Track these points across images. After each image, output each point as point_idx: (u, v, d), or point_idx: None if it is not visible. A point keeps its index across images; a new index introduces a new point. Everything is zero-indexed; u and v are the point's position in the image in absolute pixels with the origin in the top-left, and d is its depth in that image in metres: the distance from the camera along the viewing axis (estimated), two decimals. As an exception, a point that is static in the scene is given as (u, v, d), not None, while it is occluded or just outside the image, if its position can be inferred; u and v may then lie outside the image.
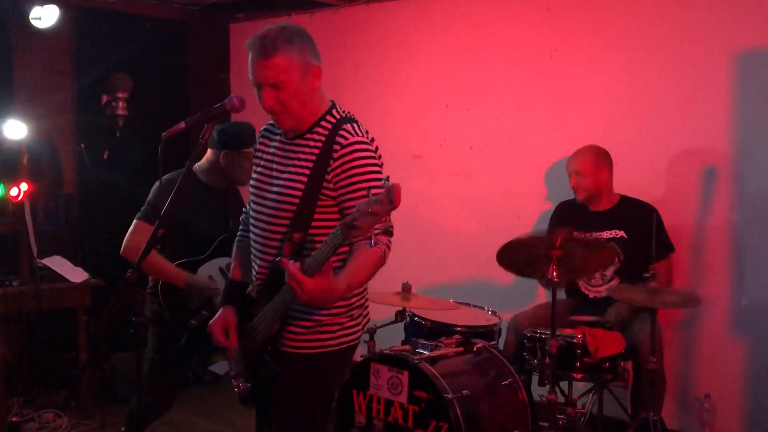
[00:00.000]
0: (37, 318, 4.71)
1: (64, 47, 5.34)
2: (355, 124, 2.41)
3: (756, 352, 4.04)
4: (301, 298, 2.15)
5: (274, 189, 2.43)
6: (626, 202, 4.06)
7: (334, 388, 2.62)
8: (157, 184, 3.31)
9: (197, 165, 3.40)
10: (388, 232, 2.10)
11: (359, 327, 2.54)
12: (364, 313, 2.57)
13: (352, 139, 2.34)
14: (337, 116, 2.43)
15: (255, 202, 2.51)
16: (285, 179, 2.41)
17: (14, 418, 4.41)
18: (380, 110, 5.19)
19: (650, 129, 4.30)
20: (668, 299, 3.53)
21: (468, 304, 4.12)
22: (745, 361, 4.06)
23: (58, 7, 4.84)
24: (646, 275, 3.53)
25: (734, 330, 4.09)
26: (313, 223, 2.35)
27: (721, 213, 4.12)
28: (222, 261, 3.38)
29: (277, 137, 2.52)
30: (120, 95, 5.26)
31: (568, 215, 4.17)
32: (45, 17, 4.83)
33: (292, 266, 2.13)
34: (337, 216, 2.34)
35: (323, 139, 2.37)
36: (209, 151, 3.40)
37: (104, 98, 5.29)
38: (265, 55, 2.29)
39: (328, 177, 2.33)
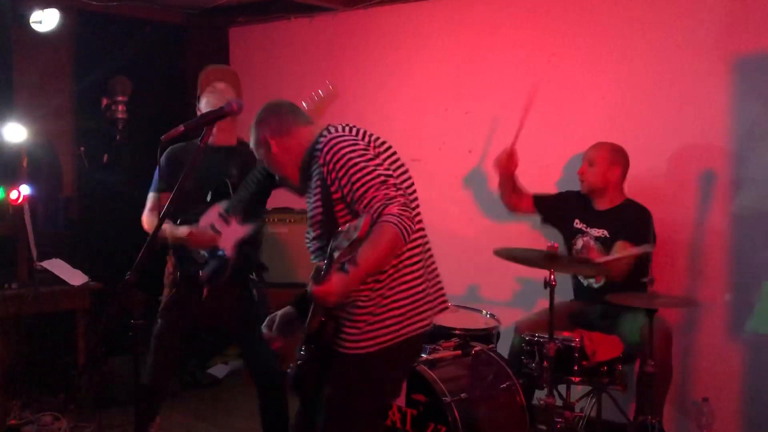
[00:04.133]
0: (36, 321, 4.71)
1: (64, 50, 5.35)
2: (332, 128, 2.56)
3: (754, 356, 4.04)
4: (327, 303, 2.39)
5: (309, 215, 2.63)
6: (627, 204, 4.07)
7: (380, 392, 2.60)
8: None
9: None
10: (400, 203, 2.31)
11: (393, 325, 2.48)
12: (401, 310, 2.49)
13: (324, 141, 2.49)
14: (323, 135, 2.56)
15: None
16: (311, 206, 2.58)
17: (12, 421, 4.41)
18: (379, 114, 5.20)
19: (648, 133, 4.31)
20: (667, 300, 3.56)
21: (466, 308, 4.12)
22: (744, 364, 4.07)
23: (59, 10, 4.84)
24: (644, 280, 3.54)
25: (733, 333, 4.10)
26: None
27: (719, 216, 4.13)
28: (221, 206, 3.54)
29: None
30: (120, 98, 5.27)
31: (569, 204, 4.19)
32: (46, 21, 4.83)
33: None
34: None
35: (317, 161, 2.51)
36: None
37: (104, 101, 5.30)
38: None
39: (332, 188, 2.45)
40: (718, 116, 4.11)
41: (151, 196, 3.68)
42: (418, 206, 2.60)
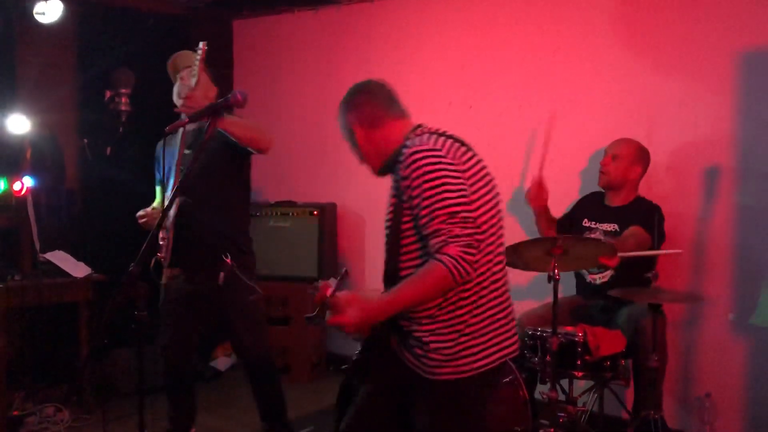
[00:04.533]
0: (39, 312, 4.72)
1: (68, 42, 5.34)
2: (418, 138, 2.37)
3: (757, 352, 4.04)
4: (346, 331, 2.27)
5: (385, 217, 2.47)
6: (639, 201, 4.06)
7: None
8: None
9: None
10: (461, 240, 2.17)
11: (468, 356, 2.31)
12: (472, 341, 2.31)
13: (408, 152, 2.30)
14: (410, 141, 2.39)
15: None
16: (388, 209, 2.42)
17: (15, 413, 4.43)
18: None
19: (653, 129, 4.30)
20: (671, 296, 3.56)
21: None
22: (746, 360, 4.06)
23: (62, 2, 4.84)
24: (648, 275, 3.54)
25: (735, 329, 4.09)
26: (402, 256, 2.34)
27: (724, 213, 4.12)
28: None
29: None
30: (123, 91, 5.26)
31: (579, 209, 4.21)
32: (49, 12, 4.82)
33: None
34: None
35: (399, 167, 2.34)
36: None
37: (107, 93, 5.29)
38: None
39: (405, 203, 2.31)
40: (723, 111, 4.10)
41: (158, 189, 3.83)
42: (499, 232, 2.39)
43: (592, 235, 4.02)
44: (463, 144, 2.41)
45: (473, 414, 2.39)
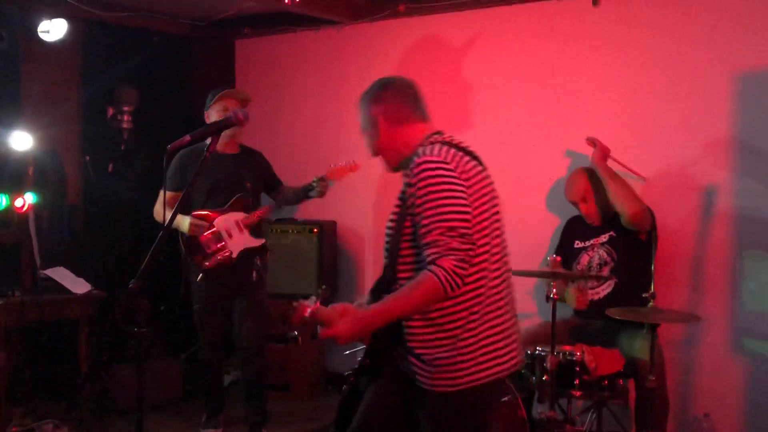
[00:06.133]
0: (39, 329, 4.72)
1: (71, 60, 5.38)
2: (430, 147, 2.38)
3: (756, 372, 4.04)
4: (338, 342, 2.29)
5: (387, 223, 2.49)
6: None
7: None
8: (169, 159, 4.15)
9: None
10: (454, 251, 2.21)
11: (463, 369, 2.32)
12: (466, 355, 2.32)
13: (417, 161, 2.32)
14: (424, 148, 2.41)
15: None
16: (391, 214, 2.45)
17: (14, 429, 4.42)
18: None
19: (651, 148, 4.34)
20: (669, 316, 3.57)
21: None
22: (745, 380, 4.07)
23: (66, 20, 4.88)
24: (645, 295, 3.55)
25: (734, 349, 4.10)
26: (399, 261, 2.37)
27: (721, 232, 4.14)
28: (238, 215, 4.30)
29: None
30: (126, 108, 5.30)
31: (568, 232, 4.28)
32: (53, 30, 4.86)
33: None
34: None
35: (409, 174, 2.36)
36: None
37: (110, 111, 5.33)
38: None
39: (409, 209, 2.33)
40: (721, 131, 4.14)
41: (161, 193, 4.22)
42: (499, 246, 2.41)
43: (590, 253, 4.05)
44: (473, 157, 2.44)
45: (467, 426, 2.40)
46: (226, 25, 5.77)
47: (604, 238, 4.07)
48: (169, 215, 3.62)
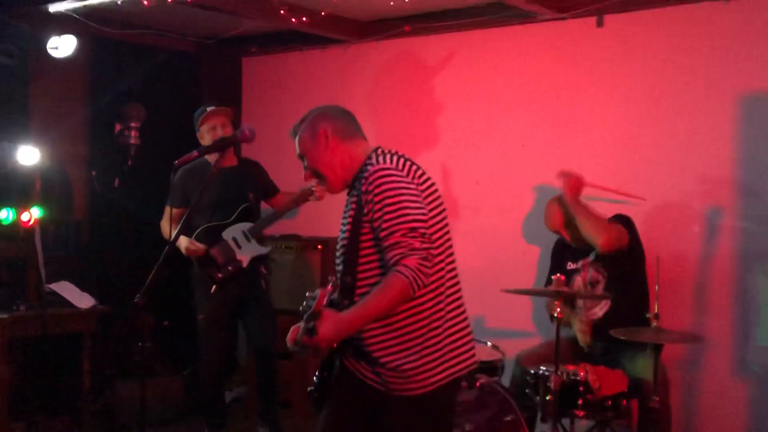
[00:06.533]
0: (43, 343, 4.72)
1: (79, 76, 5.43)
2: (381, 156, 2.52)
3: (759, 393, 4.03)
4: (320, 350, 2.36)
5: (339, 236, 2.57)
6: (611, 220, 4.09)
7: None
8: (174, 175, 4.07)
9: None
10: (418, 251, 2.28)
11: (419, 374, 2.39)
12: (432, 356, 2.40)
13: (371, 170, 2.43)
14: (373, 160, 2.52)
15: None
16: (343, 227, 2.54)
17: (16, 443, 4.42)
18: (388, 144, 5.18)
19: (654, 170, 4.34)
20: (672, 336, 3.57)
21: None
22: (748, 401, 4.05)
23: (75, 37, 4.93)
24: (647, 315, 3.54)
25: (738, 370, 4.08)
26: (360, 267, 2.42)
27: (726, 252, 4.14)
28: (245, 225, 4.48)
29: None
30: (133, 124, 5.33)
31: (559, 255, 4.25)
32: (62, 47, 4.91)
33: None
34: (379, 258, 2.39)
35: (361, 185, 2.45)
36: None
37: (117, 127, 5.36)
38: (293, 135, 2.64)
39: (366, 216, 2.41)
40: (724, 152, 4.15)
41: (166, 209, 4.46)
42: (451, 247, 2.53)
43: (584, 273, 4.05)
44: (419, 167, 2.55)
45: (440, 425, 2.50)
46: (234, 42, 5.81)
47: (592, 256, 4.06)
48: (174, 231, 3.67)
